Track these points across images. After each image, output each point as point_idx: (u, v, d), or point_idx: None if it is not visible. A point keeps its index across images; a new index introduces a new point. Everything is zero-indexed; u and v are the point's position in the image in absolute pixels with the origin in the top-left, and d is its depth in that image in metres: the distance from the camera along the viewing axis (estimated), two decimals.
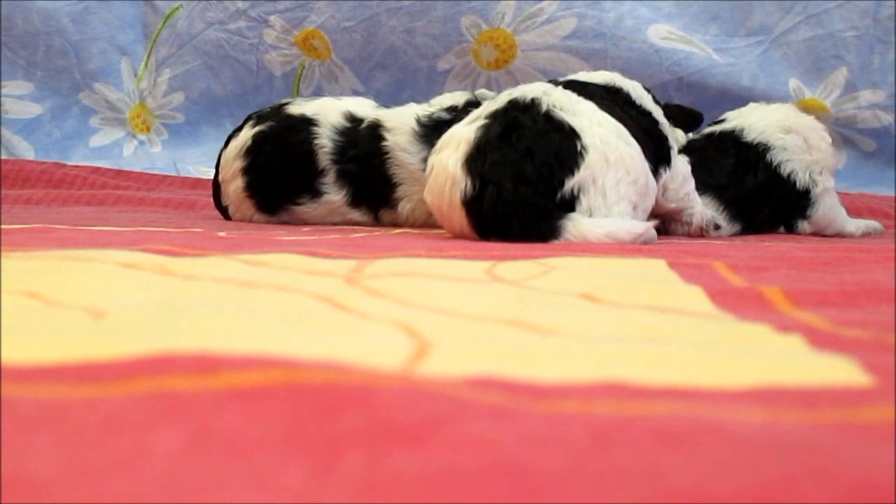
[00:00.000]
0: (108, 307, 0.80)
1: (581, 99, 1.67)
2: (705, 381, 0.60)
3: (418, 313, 0.84)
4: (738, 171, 1.98)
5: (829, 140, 2.09)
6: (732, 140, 2.01)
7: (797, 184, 2.01)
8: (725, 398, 0.56)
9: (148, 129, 3.04)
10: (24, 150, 2.99)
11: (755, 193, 1.98)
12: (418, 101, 2.13)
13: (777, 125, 2.03)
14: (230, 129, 2.23)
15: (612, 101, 1.74)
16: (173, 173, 2.93)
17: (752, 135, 2.01)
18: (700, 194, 1.90)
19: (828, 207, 2.04)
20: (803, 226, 2.04)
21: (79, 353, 0.61)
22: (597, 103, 1.68)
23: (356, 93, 2.88)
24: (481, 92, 2.10)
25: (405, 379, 0.57)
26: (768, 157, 2.00)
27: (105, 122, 3.05)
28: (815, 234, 2.04)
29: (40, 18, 2.96)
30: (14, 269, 1.07)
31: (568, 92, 1.69)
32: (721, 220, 1.90)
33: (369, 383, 0.52)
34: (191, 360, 0.56)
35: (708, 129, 2.09)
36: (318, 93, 2.91)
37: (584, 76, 1.87)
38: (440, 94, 2.81)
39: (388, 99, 2.75)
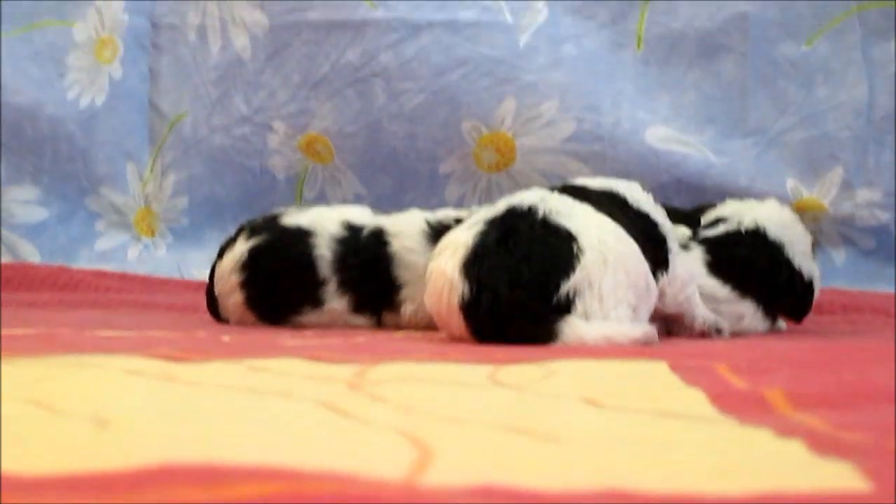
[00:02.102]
0: (112, 415, 0.81)
1: (578, 203, 1.69)
2: (707, 489, 0.60)
3: (421, 420, 0.85)
4: (769, 270, 2.00)
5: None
6: (760, 238, 2.02)
7: (805, 276, 2.04)
8: None
9: (153, 233, 3.07)
10: (30, 254, 3.01)
11: (783, 290, 2.01)
12: (420, 206, 2.15)
13: (781, 222, 2.06)
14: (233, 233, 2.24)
15: (609, 204, 1.76)
16: (177, 276, 2.95)
17: (771, 233, 2.03)
18: (741, 296, 1.93)
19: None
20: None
21: (84, 464, 0.62)
22: (594, 207, 1.69)
23: (358, 196, 2.91)
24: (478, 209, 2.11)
25: (408, 490, 0.57)
26: (786, 253, 2.02)
27: (110, 225, 3.07)
28: None
29: (48, 125, 3.01)
30: (18, 375, 1.08)
31: (565, 197, 1.70)
32: (724, 323, 1.90)
33: (373, 495, 0.53)
34: (196, 471, 0.57)
35: (725, 227, 2.07)
36: (321, 196, 2.94)
37: (580, 181, 1.89)
38: (442, 197, 2.87)
39: (391, 202, 2.79)
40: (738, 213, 2.05)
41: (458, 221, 2.00)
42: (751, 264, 1.98)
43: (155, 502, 0.52)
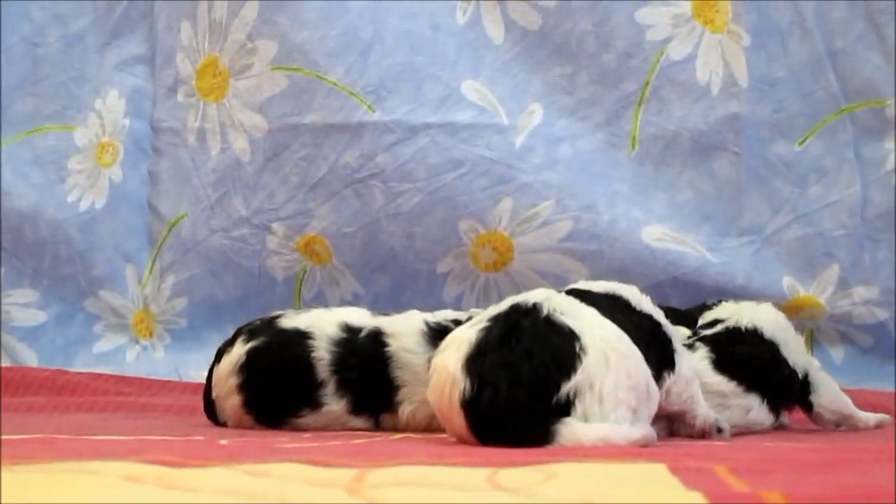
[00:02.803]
0: None
1: (583, 304, 1.71)
2: None
3: None
4: (771, 365, 2.04)
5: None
6: (758, 337, 2.07)
7: (799, 372, 2.09)
8: None
9: (151, 335, 3.07)
10: (28, 358, 3.00)
11: (784, 385, 2.06)
12: (418, 305, 2.17)
13: (776, 323, 2.12)
14: (232, 334, 2.24)
15: (613, 307, 1.77)
16: (175, 378, 2.94)
17: (767, 333, 2.08)
18: (747, 390, 1.96)
19: (828, 382, 2.14)
20: (820, 409, 2.11)
21: None
22: (598, 310, 1.71)
23: (357, 296, 2.92)
24: (475, 311, 2.13)
25: None
26: (782, 351, 2.07)
27: (109, 328, 3.08)
28: (833, 420, 2.10)
29: (48, 228, 3.03)
30: (16, 483, 1.07)
31: (570, 297, 1.72)
32: (725, 423, 1.92)
33: None
34: None
35: (723, 325, 2.12)
36: (320, 297, 2.95)
37: (583, 285, 1.91)
38: (440, 296, 2.88)
39: (389, 302, 2.80)
40: (735, 315, 2.12)
41: (457, 323, 2.01)
42: (752, 360, 2.04)
43: None
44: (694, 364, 1.96)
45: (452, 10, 2.90)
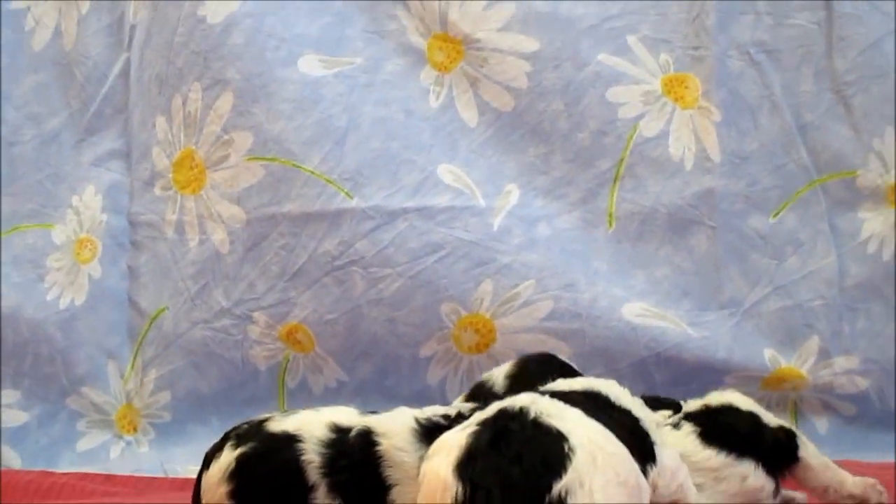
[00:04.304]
0: None
1: (568, 406, 1.72)
2: None
3: None
4: (756, 430, 2.05)
5: None
6: (734, 410, 2.09)
7: (786, 426, 2.10)
8: None
9: (135, 430, 3.05)
10: (11, 459, 2.98)
11: (774, 448, 2.05)
12: (403, 390, 2.17)
13: (747, 401, 2.14)
14: (216, 427, 2.24)
15: (594, 406, 1.78)
16: (161, 474, 2.92)
17: (743, 407, 2.10)
18: (738, 458, 1.98)
19: (810, 445, 2.13)
20: (808, 460, 2.10)
21: None
22: (582, 410, 1.72)
23: (340, 383, 2.92)
24: (464, 405, 2.13)
25: None
26: (762, 420, 2.08)
27: (92, 425, 3.06)
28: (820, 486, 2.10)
29: (28, 329, 3.02)
30: None
31: (555, 400, 1.73)
32: None
33: None
34: None
35: (697, 408, 2.14)
36: (303, 385, 2.95)
37: (562, 385, 1.92)
38: (424, 380, 2.89)
39: (373, 387, 2.80)
40: (705, 400, 2.13)
41: (447, 418, 2.01)
42: (738, 427, 2.04)
43: None
44: (679, 447, 1.97)
45: (425, 95, 2.93)
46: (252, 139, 2.93)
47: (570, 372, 2.18)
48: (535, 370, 2.23)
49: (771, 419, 2.13)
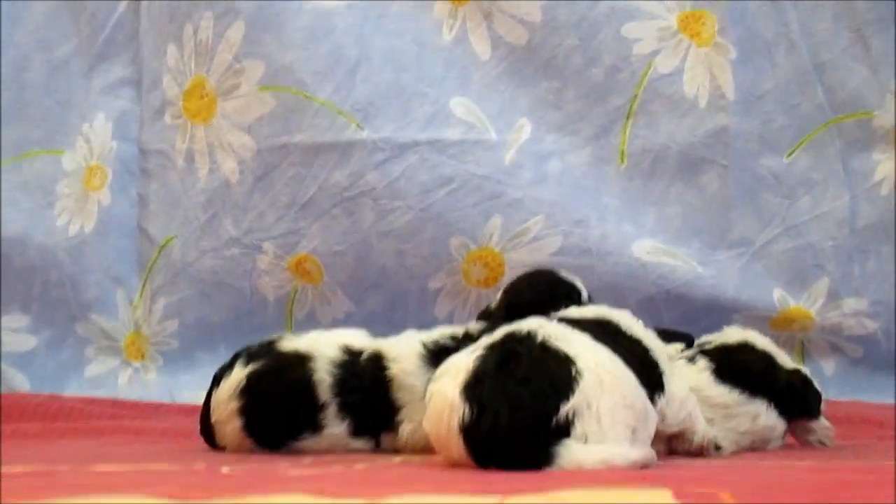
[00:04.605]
0: None
1: (575, 331, 1.72)
2: None
3: None
4: (770, 371, 2.05)
5: None
6: (749, 348, 2.08)
7: (801, 371, 2.11)
8: None
9: (143, 357, 3.06)
10: (20, 383, 2.99)
11: (787, 391, 2.05)
12: (410, 322, 2.17)
13: (763, 341, 2.13)
14: (224, 355, 2.24)
15: (604, 333, 1.78)
16: (168, 400, 2.93)
17: (759, 345, 2.09)
18: (751, 397, 1.97)
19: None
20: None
21: None
22: (591, 336, 1.72)
23: (348, 315, 2.92)
24: (473, 325, 2.13)
25: None
26: (777, 360, 2.07)
27: (100, 351, 3.07)
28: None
29: (38, 253, 3.02)
30: None
31: (562, 325, 1.73)
32: (724, 442, 1.93)
33: None
34: None
35: (713, 345, 2.13)
36: (311, 316, 2.95)
37: (574, 312, 1.92)
38: (432, 313, 2.89)
39: (381, 320, 2.80)
40: (724, 335, 2.12)
41: (454, 339, 2.02)
42: (751, 367, 2.04)
43: None
44: (691, 380, 1.97)
45: (438, 27, 2.91)
46: (263, 68, 2.91)
47: (565, 288, 2.17)
48: (527, 283, 2.24)
49: (786, 361, 2.12)
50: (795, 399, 2.08)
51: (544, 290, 2.15)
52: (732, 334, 2.13)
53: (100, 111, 3.09)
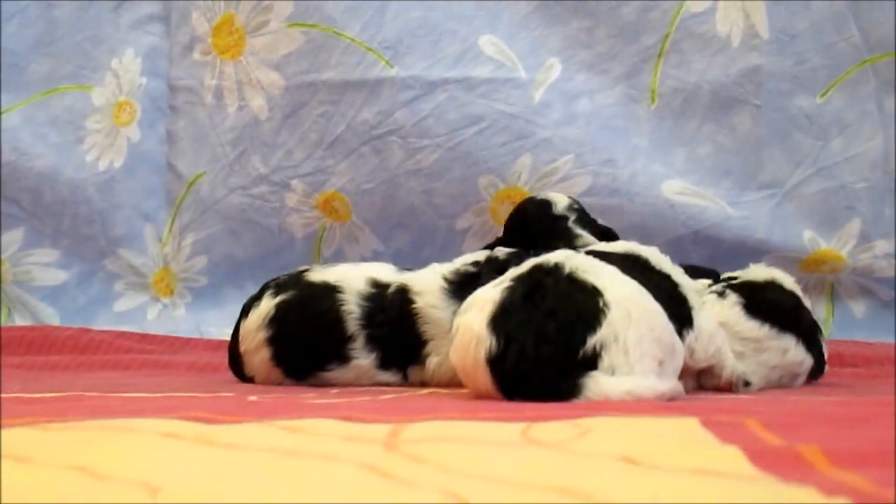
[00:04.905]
0: (160, 481, 0.81)
1: (603, 263, 1.71)
2: None
3: (463, 481, 0.85)
4: (798, 309, 2.05)
5: None
6: (777, 286, 2.07)
7: (819, 330, 2.10)
8: None
9: (171, 293, 3.08)
10: (50, 317, 3.03)
11: (812, 330, 2.07)
12: (438, 261, 2.16)
13: (790, 280, 2.12)
14: (252, 292, 2.25)
15: (631, 267, 1.77)
16: (197, 336, 2.96)
17: (787, 285, 2.09)
18: (780, 332, 1.97)
19: None
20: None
21: None
22: (619, 269, 1.71)
23: (376, 253, 2.92)
24: (500, 249, 2.13)
25: None
26: (803, 301, 2.07)
27: (129, 287, 3.09)
28: None
29: (68, 188, 3.03)
30: (56, 441, 1.08)
31: (590, 257, 1.73)
32: (754, 377, 1.93)
33: None
34: None
35: (741, 281, 2.12)
36: (339, 254, 2.96)
37: (603, 246, 1.91)
38: (459, 252, 2.87)
39: (408, 258, 2.80)
40: (751, 272, 2.11)
41: (477, 264, 2.02)
42: (781, 304, 2.04)
43: None
44: (721, 315, 1.97)
45: None
46: (292, 5, 2.90)
47: (573, 216, 2.19)
48: (531, 211, 2.25)
49: (810, 311, 2.12)
50: (816, 346, 2.08)
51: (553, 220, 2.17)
52: (759, 272, 2.12)
53: (129, 47, 3.08)
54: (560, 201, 2.26)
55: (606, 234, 2.20)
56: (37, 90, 3.07)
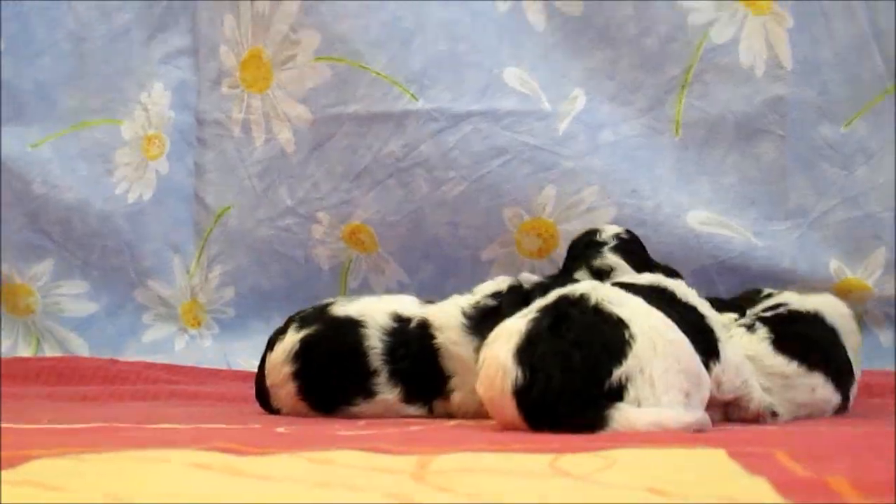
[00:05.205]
0: None
1: (629, 294, 1.72)
2: None
3: None
4: (832, 347, 2.04)
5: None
6: (819, 321, 2.06)
7: (853, 369, 2.07)
8: None
9: (199, 324, 3.10)
10: (79, 347, 3.04)
11: (845, 369, 2.05)
12: (461, 292, 2.17)
13: (837, 312, 2.11)
14: (278, 323, 2.26)
15: (658, 299, 1.78)
16: (224, 367, 2.97)
17: (829, 319, 2.08)
18: (809, 370, 1.95)
19: None
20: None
21: None
22: (645, 300, 1.72)
23: (402, 284, 2.93)
24: (525, 276, 2.14)
25: None
26: (840, 339, 2.06)
27: (158, 318, 3.11)
28: None
29: (97, 220, 3.06)
30: (87, 471, 1.10)
31: (616, 288, 1.73)
32: (780, 408, 1.92)
33: None
34: None
35: (785, 308, 2.11)
36: (365, 285, 2.97)
37: (629, 278, 1.92)
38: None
39: (434, 289, 2.80)
40: (798, 300, 2.10)
41: (497, 294, 2.03)
42: (813, 340, 2.02)
43: None
44: (747, 348, 1.96)
45: None
46: (319, 39, 2.92)
47: (613, 243, 2.21)
48: (577, 237, 2.29)
49: (850, 346, 2.09)
50: (846, 385, 2.06)
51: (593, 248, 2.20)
52: (807, 300, 2.11)
53: (158, 80, 3.11)
54: (608, 231, 2.29)
55: (668, 272, 2.18)
56: (67, 123, 3.10)
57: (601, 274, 2.16)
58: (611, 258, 2.19)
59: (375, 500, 0.91)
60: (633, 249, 2.26)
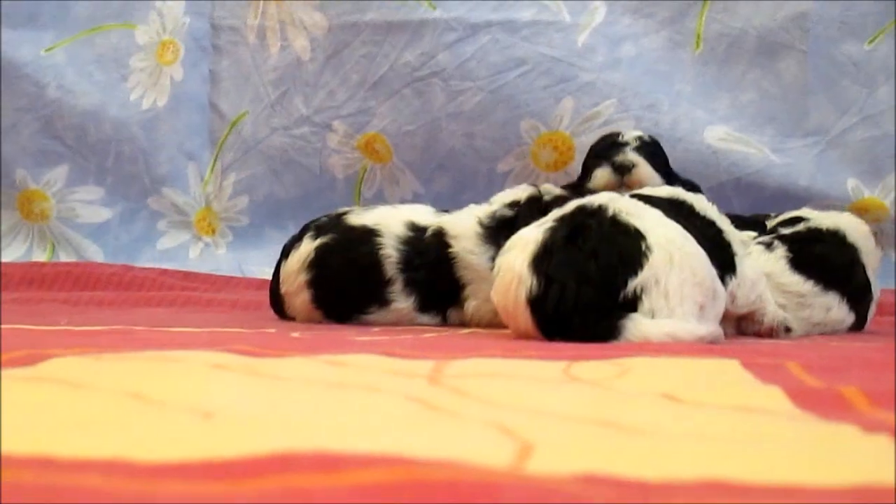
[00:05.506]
0: (213, 407, 0.83)
1: (648, 206, 1.71)
2: (808, 480, 0.61)
3: (509, 413, 0.86)
4: (849, 267, 2.03)
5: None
6: (840, 239, 2.06)
7: (872, 288, 2.07)
8: (830, 495, 0.58)
9: (213, 232, 3.11)
10: (94, 254, 3.06)
11: (863, 290, 2.05)
12: (477, 202, 2.17)
13: (858, 230, 2.10)
14: (293, 232, 2.27)
15: (676, 212, 1.77)
16: (238, 275, 2.99)
17: (850, 238, 2.07)
18: (825, 289, 1.95)
19: None
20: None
21: (199, 452, 0.64)
22: (662, 212, 1.71)
23: (416, 195, 2.93)
24: (546, 187, 2.13)
25: (518, 476, 0.59)
26: (861, 258, 2.05)
27: (172, 225, 3.12)
28: None
29: (112, 127, 3.05)
30: (109, 369, 1.11)
31: (634, 200, 1.73)
32: (793, 322, 1.92)
33: (489, 480, 0.55)
34: (314, 458, 0.59)
35: (805, 225, 2.10)
36: (379, 195, 2.97)
37: (647, 191, 1.91)
38: None
39: (449, 201, 2.80)
40: (818, 217, 2.09)
41: (515, 204, 2.03)
42: (830, 260, 2.02)
43: (281, 487, 0.54)
44: (764, 266, 1.96)
45: None
46: None
47: (635, 144, 2.22)
48: (599, 138, 2.29)
49: (870, 265, 2.08)
50: (863, 306, 2.06)
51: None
52: (828, 218, 2.10)
53: None
54: (631, 133, 2.29)
55: (688, 186, 2.17)
56: (82, 28, 3.08)
57: (623, 169, 2.17)
58: (633, 156, 2.19)
59: (393, 400, 0.92)
60: (655, 152, 2.26)
